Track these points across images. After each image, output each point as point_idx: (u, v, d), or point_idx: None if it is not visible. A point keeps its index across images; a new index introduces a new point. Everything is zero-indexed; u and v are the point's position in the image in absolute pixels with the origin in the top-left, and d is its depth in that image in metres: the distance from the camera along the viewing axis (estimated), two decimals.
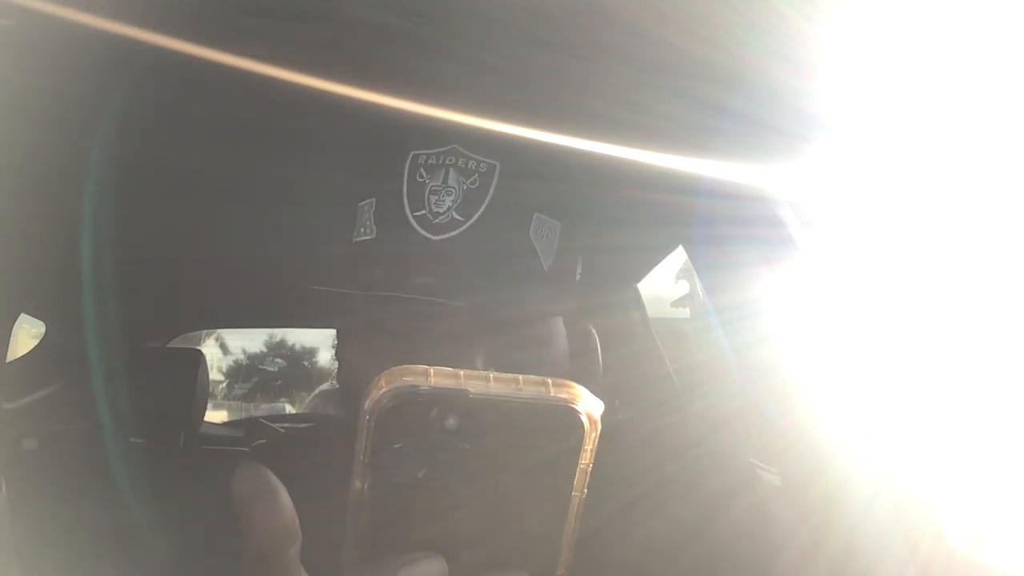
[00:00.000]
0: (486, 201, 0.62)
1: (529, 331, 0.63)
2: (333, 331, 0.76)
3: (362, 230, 0.65)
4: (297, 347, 9.00)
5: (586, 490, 0.44)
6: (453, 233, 0.61)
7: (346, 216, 0.67)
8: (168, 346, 2.36)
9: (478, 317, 0.60)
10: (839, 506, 0.66)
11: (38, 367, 1.67)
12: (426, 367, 0.41)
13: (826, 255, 0.80)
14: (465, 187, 0.62)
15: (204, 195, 1.17)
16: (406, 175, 0.63)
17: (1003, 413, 0.71)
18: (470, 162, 0.63)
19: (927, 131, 0.71)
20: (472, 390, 0.41)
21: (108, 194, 0.99)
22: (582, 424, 0.43)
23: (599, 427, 0.43)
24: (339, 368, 0.72)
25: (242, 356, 9.14)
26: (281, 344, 8.82)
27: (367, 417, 0.41)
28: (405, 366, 0.41)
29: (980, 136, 0.69)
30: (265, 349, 8.90)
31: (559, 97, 0.76)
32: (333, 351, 0.75)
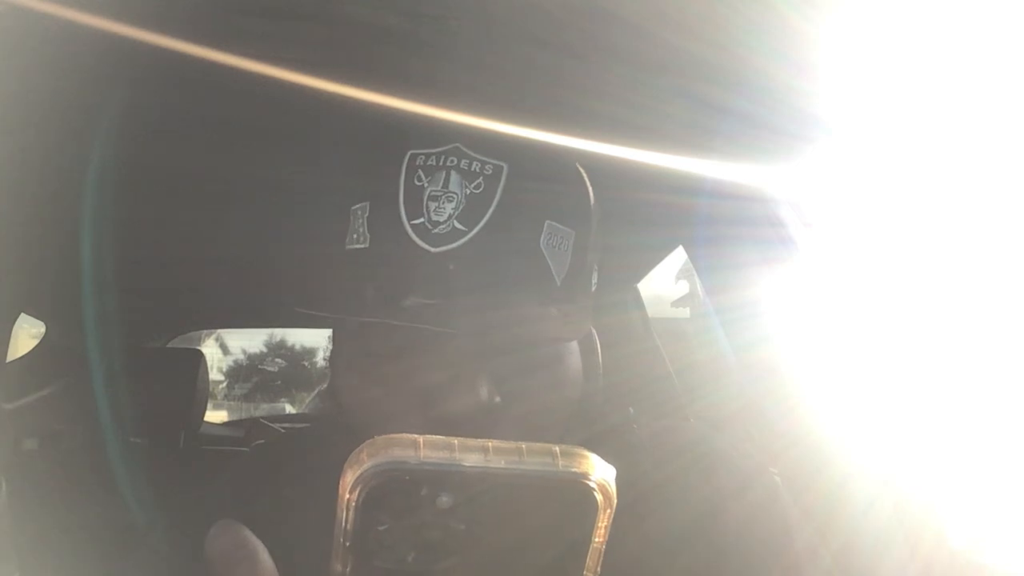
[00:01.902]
0: (491, 208, 0.55)
1: (539, 355, 0.57)
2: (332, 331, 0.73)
3: (355, 236, 0.59)
4: (297, 347, 9.01)
5: (599, 570, 0.39)
6: (454, 244, 0.54)
7: (340, 220, 0.61)
8: (168, 346, 2.36)
9: (481, 342, 0.54)
10: (839, 506, 0.66)
11: (38, 367, 1.67)
12: (415, 437, 0.36)
13: (826, 255, 0.80)
14: (468, 192, 0.56)
15: (204, 195, 1.17)
16: (403, 177, 0.57)
17: (1003, 413, 0.71)
18: (474, 163, 0.56)
19: (927, 131, 0.71)
20: (468, 464, 0.36)
21: (108, 195, 0.99)
22: (595, 499, 0.37)
23: (615, 501, 0.38)
24: (331, 382, 0.67)
25: (242, 356, 9.14)
26: (281, 344, 8.82)
27: (348, 496, 0.36)
28: (391, 436, 0.36)
29: (980, 136, 0.69)
30: (265, 349, 8.90)
31: (559, 97, 0.76)
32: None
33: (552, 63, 0.73)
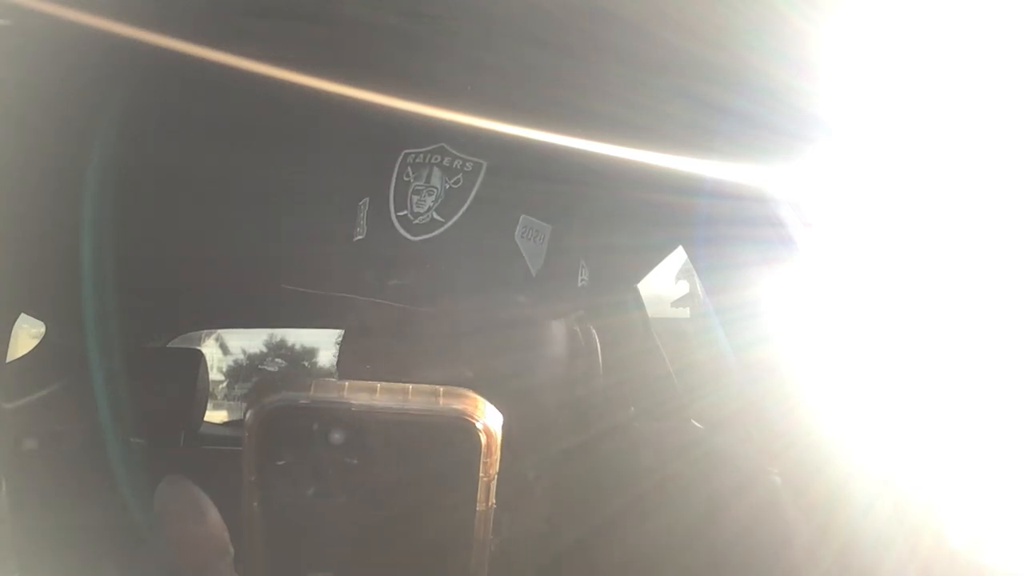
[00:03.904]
0: (468, 201, 0.60)
1: (515, 336, 0.60)
2: (333, 331, 0.76)
3: (358, 229, 0.65)
4: (297, 347, 8.99)
5: (494, 502, 0.42)
6: (432, 234, 0.59)
7: (349, 215, 0.67)
8: (168, 346, 2.36)
9: (456, 322, 0.59)
10: (839, 506, 0.66)
11: (38, 367, 1.67)
12: (310, 379, 0.39)
13: (826, 255, 0.80)
14: (448, 186, 0.60)
15: (204, 195, 1.17)
16: (395, 174, 0.63)
17: (1003, 413, 0.71)
18: (455, 161, 0.62)
19: (927, 131, 0.71)
20: (355, 402, 0.39)
21: (108, 195, 0.99)
22: (477, 436, 0.40)
23: (498, 439, 0.41)
24: (337, 368, 0.72)
25: (242, 356, 9.13)
26: (281, 344, 8.80)
27: (247, 433, 0.39)
28: (288, 377, 0.40)
29: (980, 136, 0.69)
30: (265, 349, 8.88)
31: (559, 97, 0.75)
32: (335, 350, 0.75)
33: (552, 63, 0.73)
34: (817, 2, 0.59)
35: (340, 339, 0.72)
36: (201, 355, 2.05)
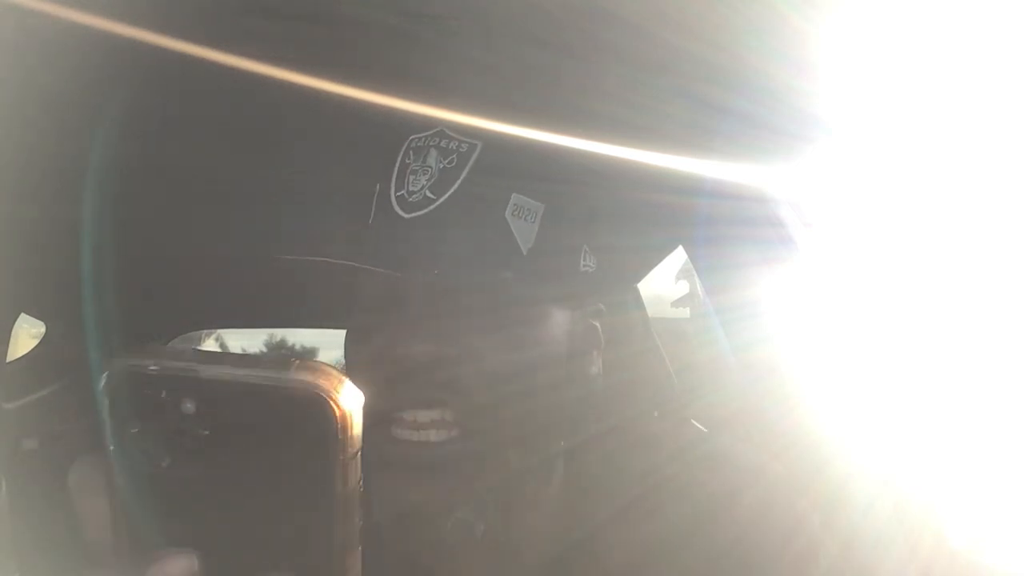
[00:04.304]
0: (459, 179, 0.61)
1: (502, 313, 0.60)
2: (333, 331, 0.76)
3: (372, 212, 0.67)
4: (297, 347, 8.99)
5: (360, 483, 0.40)
6: (424, 211, 0.61)
7: (356, 210, 0.68)
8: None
9: (442, 294, 0.59)
10: (839, 506, 0.66)
11: (38, 367, 1.66)
12: (162, 347, 0.40)
13: (826, 255, 0.80)
14: (442, 166, 0.62)
15: (204, 195, 1.17)
16: (399, 159, 0.64)
17: (1003, 413, 0.71)
18: (452, 143, 0.63)
19: (927, 131, 0.71)
20: (204, 371, 0.38)
21: (109, 195, 0.99)
22: (331, 411, 0.39)
23: (353, 417, 0.39)
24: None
25: None
26: (281, 344, 8.80)
27: (103, 399, 0.39)
28: (140, 346, 0.40)
29: (980, 136, 0.69)
30: (265, 349, 8.88)
31: (559, 97, 0.75)
32: (335, 350, 0.76)
33: (552, 63, 0.73)
34: (817, 2, 0.59)
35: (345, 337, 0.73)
36: None
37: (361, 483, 0.40)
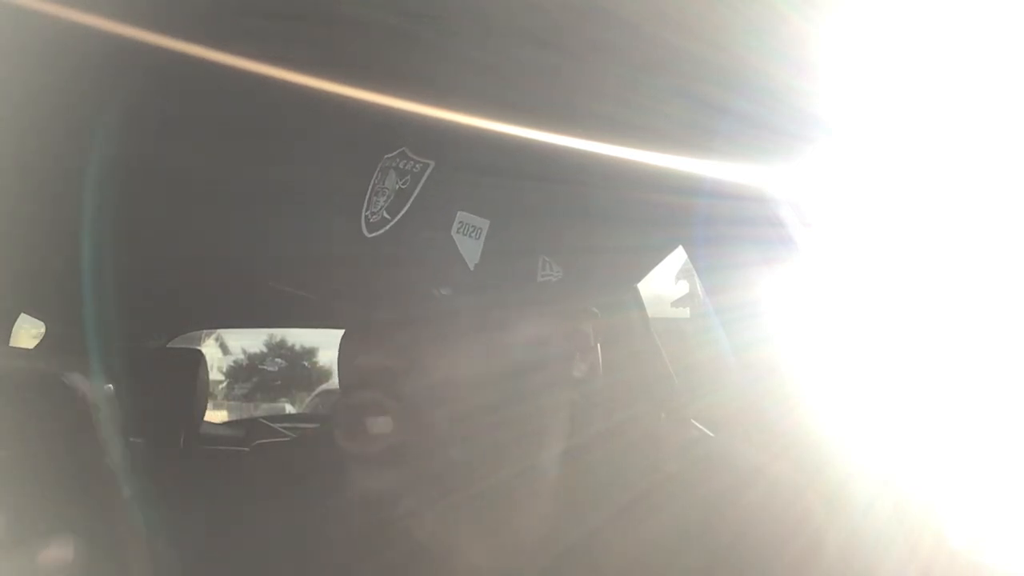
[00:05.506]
0: (411, 200, 0.65)
1: (452, 326, 0.64)
2: (333, 331, 0.78)
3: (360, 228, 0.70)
4: (297, 347, 9.00)
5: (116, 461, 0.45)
6: (381, 231, 0.65)
7: (350, 216, 0.70)
8: (168, 346, 2.36)
9: (397, 310, 0.64)
10: (839, 506, 0.66)
11: None
12: None
13: (826, 255, 0.80)
14: (398, 187, 0.65)
15: (204, 195, 1.17)
16: (372, 178, 0.68)
17: (1003, 413, 0.71)
18: (408, 163, 0.66)
19: (926, 131, 0.71)
20: None
21: (109, 195, 0.99)
22: (70, 391, 0.43)
23: (98, 405, 0.44)
24: None
25: (242, 356, 9.15)
26: (281, 344, 8.81)
27: None
28: None
29: (979, 136, 0.69)
30: (265, 349, 8.90)
31: (558, 97, 0.76)
32: (335, 350, 0.78)
33: (551, 63, 0.73)
34: (817, 2, 0.59)
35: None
36: (201, 355, 2.04)
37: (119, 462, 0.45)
